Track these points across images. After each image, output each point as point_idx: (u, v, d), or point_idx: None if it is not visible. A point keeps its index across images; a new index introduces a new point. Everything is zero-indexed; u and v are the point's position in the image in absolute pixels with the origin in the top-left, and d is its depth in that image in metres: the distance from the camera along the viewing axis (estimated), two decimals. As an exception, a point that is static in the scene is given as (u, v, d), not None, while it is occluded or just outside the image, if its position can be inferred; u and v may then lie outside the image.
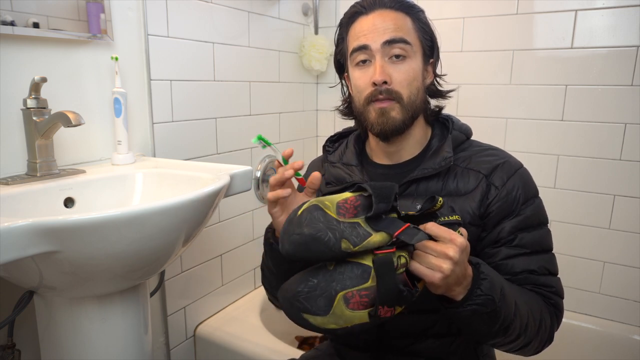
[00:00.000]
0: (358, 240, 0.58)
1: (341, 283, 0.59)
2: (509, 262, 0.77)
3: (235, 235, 1.58)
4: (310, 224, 0.58)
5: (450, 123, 0.86)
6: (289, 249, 0.59)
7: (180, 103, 1.29)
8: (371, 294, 0.59)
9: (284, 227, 0.61)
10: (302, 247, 0.58)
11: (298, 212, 0.60)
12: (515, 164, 0.82)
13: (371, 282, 0.59)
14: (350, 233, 0.58)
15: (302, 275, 0.62)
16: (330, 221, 0.59)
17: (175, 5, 1.24)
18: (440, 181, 0.80)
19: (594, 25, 1.39)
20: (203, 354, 1.46)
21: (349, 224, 0.59)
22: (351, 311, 0.59)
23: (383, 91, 0.78)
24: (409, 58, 0.79)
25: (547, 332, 0.76)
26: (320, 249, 0.58)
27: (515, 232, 0.78)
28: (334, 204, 0.61)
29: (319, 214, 0.59)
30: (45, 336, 0.92)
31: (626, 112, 1.38)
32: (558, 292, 0.80)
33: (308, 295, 0.59)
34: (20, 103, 0.91)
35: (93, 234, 0.68)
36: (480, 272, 0.66)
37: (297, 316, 0.60)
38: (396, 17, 0.79)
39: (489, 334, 0.70)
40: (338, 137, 0.97)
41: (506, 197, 0.78)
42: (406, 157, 0.85)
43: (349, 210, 0.61)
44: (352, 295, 0.58)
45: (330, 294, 0.59)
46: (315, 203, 0.60)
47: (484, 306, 0.65)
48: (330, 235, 0.58)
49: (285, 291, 0.62)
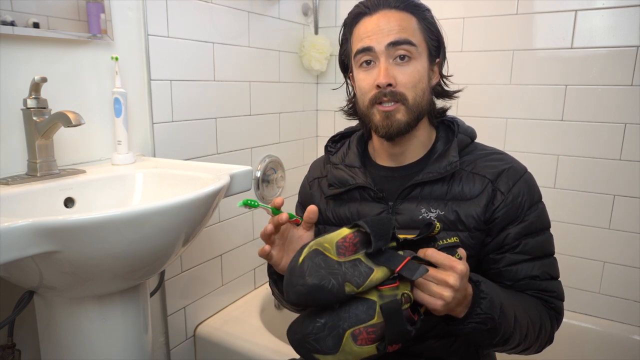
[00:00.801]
0: (361, 281, 0.59)
1: (348, 321, 0.60)
2: (512, 269, 0.78)
3: (235, 235, 1.58)
4: (312, 273, 0.59)
5: (456, 126, 0.85)
6: (294, 299, 0.60)
7: (180, 103, 1.29)
8: (378, 330, 0.60)
9: (286, 277, 0.63)
10: (307, 296, 0.60)
11: (299, 259, 0.61)
12: (521, 169, 0.82)
13: (377, 319, 0.60)
14: (353, 274, 0.60)
15: (309, 315, 0.63)
16: (332, 266, 0.60)
17: (175, 5, 1.24)
18: (445, 185, 0.80)
19: (594, 25, 1.39)
20: (203, 354, 1.46)
21: (350, 263, 0.61)
22: (359, 347, 0.60)
23: (387, 93, 0.77)
24: (414, 59, 0.78)
25: (547, 336, 0.78)
26: (325, 296, 0.59)
27: (519, 238, 0.78)
28: (334, 245, 0.62)
29: (319, 260, 0.60)
30: (45, 336, 0.92)
31: (626, 112, 1.38)
32: (559, 296, 0.81)
33: (317, 336, 0.61)
34: (20, 103, 0.91)
35: (93, 234, 0.68)
36: (481, 292, 0.67)
37: (308, 356, 0.62)
38: (401, 17, 0.78)
39: (489, 345, 0.72)
40: (340, 137, 0.96)
41: (512, 203, 0.78)
42: (410, 159, 0.85)
43: (348, 248, 0.62)
44: (360, 332, 0.60)
45: (338, 332, 0.60)
46: (315, 248, 0.62)
47: (484, 324, 0.67)
48: (334, 282, 0.59)
49: (294, 333, 0.64)
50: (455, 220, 0.78)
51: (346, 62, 0.88)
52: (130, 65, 1.16)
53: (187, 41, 1.29)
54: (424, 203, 0.80)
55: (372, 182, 0.84)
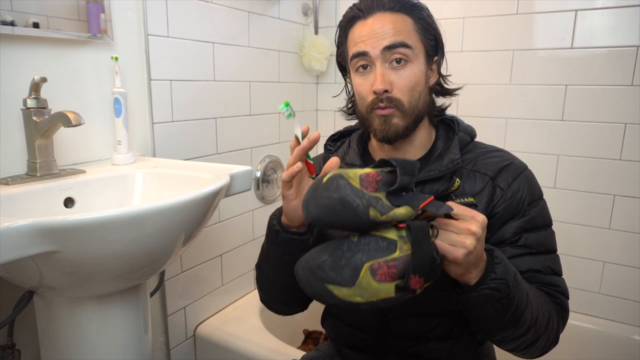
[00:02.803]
0: (384, 210, 0.57)
1: (367, 254, 0.56)
2: (514, 261, 0.76)
3: (235, 235, 1.58)
4: (338, 190, 0.56)
5: (456, 124, 0.85)
6: (316, 212, 0.56)
7: (180, 103, 1.29)
8: (399, 265, 0.57)
9: (308, 193, 0.59)
10: (330, 210, 0.56)
11: (323, 179, 0.58)
12: (521, 166, 0.82)
13: (399, 253, 0.57)
14: (376, 203, 0.57)
15: (325, 246, 0.59)
16: (356, 190, 0.57)
17: (175, 5, 1.24)
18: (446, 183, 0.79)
19: (594, 25, 1.38)
20: (203, 354, 1.46)
21: (372, 196, 0.58)
22: (378, 283, 0.56)
23: (384, 99, 0.77)
24: (411, 62, 0.78)
25: (555, 331, 0.76)
26: (349, 214, 0.55)
27: (520, 232, 0.77)
28: (357, 177, 0.59)
29: (345, 182, 0.57)
30: (45, 336, 0.92)
31: (626, 112, 1.38)
32: (564, 292, 0.79)
33: (334, 264, 0.56)
34: (20, 103, 0.91)
35: (93, 234, 0.68)
36: (494, 257, 0.65)
37: (319, 288, 0.57)
38: (395, 19, 0.77)
39: (500, 324, 0.68)
40: (339, 135, 0.96)
41: (511, 198, 0.77)
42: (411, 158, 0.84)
43: (370, 184, 0.59)
44: (380, 267, 0.56)
45: (356, 264, 0.56)
46: (339, 173, 0.58)
47: (498, 290, 0.64)
48: (359, 202, 0.56)
49: (306, 262, 0.59)
50: None
51: (343, 64, 0.87)
52: (130, 65, 1.16)
53: (187, 41, 1.29)
54: None
55: None
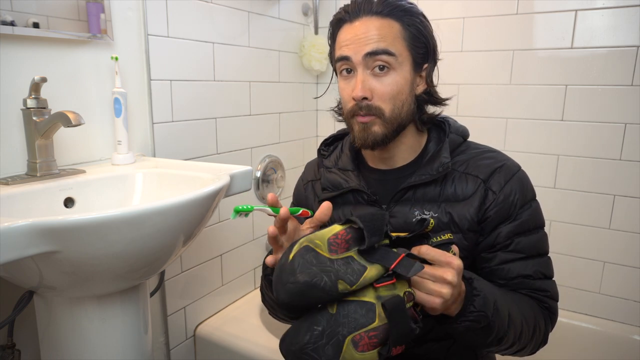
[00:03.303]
0: (354, 279, 0.57)
1: (347, 327, 0.56)
2: (505, 267, 0.77)
3: (235, 235, 1.58)
4: (303, 270, 0.56)
5: (447, 126, 0.84)
6: (285, 298, 0.57)
7: (180, 103, 1.29)
8: (380, 334, 0.57)
9: (276, 275, 0.59)
10: (298, 295, 0.56)
11: (289, 256, 0.58)
12: (513, 167, 0.81)
13: (378, 322, 0.57)
14: (345, 272, 0.57)
15: (304, 323, 0.59)
16: (324, 262, 0.57)
17: (175, 5, 1.24)
18: (438, 187, 0.79)
19: (594, 25, 1.38)
20: (203, 354, 1.46)
21: (342, 260, 0.58)
22: (361, 354, 0.56)
23: (363, 107, 0.75)
24: (393, 70, 0.75)
25: (542, 336, 0.77)
26: (317, 294, 0.56)
27: (512, 236, 0.77)
28: (325, 242, 0.59)
29: (310, 257, 0.57)
30: (45, 336, 0.92)
31: (626, 112, 1.38)
32: (552, 296, 0.80)
33: (315, 346, 0.56)
34: (20, 103, 0.91)
35: (93, 234, 0.68)
36: (474, 289, 0.65)
37: None
38: (381, 25, 0.74)
39: (483, 344, 0.71)
40: (333, 139, 0.95)
41: (503, 202, 0.77)
42: (401, 162, 0.84)
43: (340, 245, 0.59)
44: (361, 338, 0.56)
45: (337, 339, 0.56)
46: (305, 244, 0.58)
47: (477, 322, 0.65)
48: (326, 279, 0.56)
49: (289, 344, 0.59)
50: (448, 222, 0.77)
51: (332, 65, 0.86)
52: (130, 65, 1.16)
53: (187, 41, 1.29)
54: (417, 205, 0.79)
55: (366, 185, 0.83)
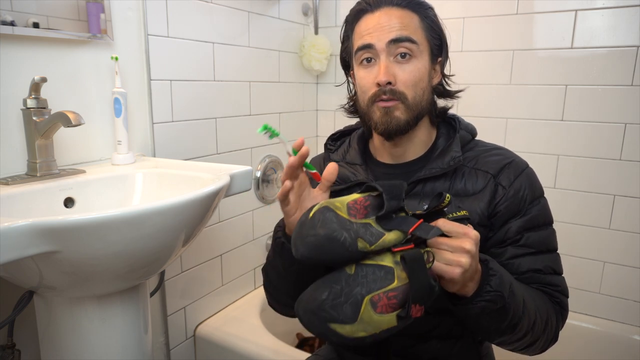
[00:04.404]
0: (373, 239, 0.57)
1: (366, 287, 0.56)
2: (515, 262, 0.77)
3: (235, 235, 1.58)
4: (324, 225, 0.56)
5: (457, 123, 0.85)
6: (304, 251, 0.56)
7: (180, 103, 1.29)
8: (399, 294, 0.56)
9: (295, 231, 0.59)
10: (318, 249, 0.56)
11: (309, 214, 0.58)
12: (522, 164, 0.82)
13: (397, 283, 0.56)
14: (365, 232, 0.57)
15: (323, 282, 0.59)
16: (344, 222, 0.57)
17: (175, 5, 1.24)
18: (447, 181, 0.80)
19: (594, 25, 1.38)
20: (203, 354, 1.46)
21: (361, 224, 0.58)
22: (379, 315, 0.56)
23: (387, 91, 0.77)
24: (415, 57, 0.78)
25: (553, 331, 0.76)
26: (337, 249, 0.55)
27: (521, 231, 0.77)
28: (344, 205, 0.59)
29: (331, 215, 0.57)
30: (45, 336, 0.92)
31: (626, 112, 1.38)
32: (563, 291, 0.80)
33: (334, 302, 0.55)
34: (20, 103, 0.91)
35: (93, 234, 0.68)
36: (489, 269, 0.65)
37: (322, 327, 0.56)
38: (402, 15, 0.78)
39: (497, 330, 0.69)
40: (340, 135, 0.96)
41: (513, 197, 0.77)
42: (411, 156, 0.85)
43: (359, 210, 0.59)
44: (380, 298, 0.56)
45: (356, 299, 0.55)
46: (325, 205, 0.59)
47: (494, 302, 0.64)
48: (346, 235, 0.56)
49: (306, 302, 0.58)
50: None
51: (347, 60, 0.87)
52: (130, 65, 1.16)
53: (187, 41, 1.29)
54: (426, 200, 0.79)
55: (374, 179, 0.84)
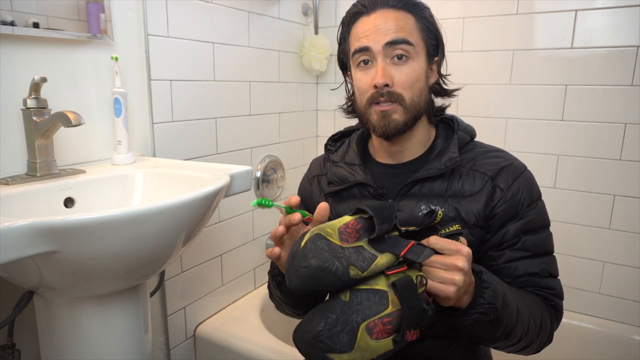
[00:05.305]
0: (365, 265, 0.57)
1: (361, 314, 0.57)
2: (511, 265, 0.78)
3: (235, 235, 1.58)
4: (315, 255, 0.57)
5: (455, 124, 0.85)
6: (297, 283, 0.57)
7: (180, 103, 1.29)
8: (394, 320, 0.57)
9: (288, 261, 0.60)
10: (310, 280, 0.56)
11: (301, 244, 0.59)
12: (520, 167, 0.82)
13: (392, 308, 0.57)
14: (357, 258, 0.57)
15: (318, 311, 0.59)
16: (335, 249, 0.57)
17: (175, 5, 1.24)
18: (445, 182, 0.80)
19: (594, 25, 1.38)
20: (203, 354, 1.46)
21: (353, 249, 0.58)
22: (376, 341, 0.56)
23: (384, 94, 0.77)
24: (412, 59, 0.78)
25: (547, 333, 0.78)
26: (330, 279, 0.56)
27: (519, 235, 0.78)
28: (336, 231, 0.59)
29: (322, 243, 0.58)
30: (45, 336, 0.92)
31: (626, 112, 1.38)
32: (558, 294, 0.81)
33: (330, 333, 0.56)
34: (20, 103, 0.91)
35: (93, 234, 0.68)
36: (483, 281, 0.66)
37: (320, 358, 0.57)
38: (398, 16, 0.78)
39: (491, 339, 0.71)
40: (340, 136, 0.97)
41: (511, 199, 0.78)
42: (410, 157, 0.85)
43: (351, 234, 0.60)
44: (375, 325, 0.56)
45: (352, 327, 0.56)
46: (317, 232, 0.59)
47: (487, 314, 0.65)
48: (338, 264, 0.56)
49: (303, 333, 0.59)
50: (455, 217, 0.78)
51: (345, 61, 0.88)
52: (130, 65, 1.16)
53: (187, 41, 1.29)
54: (423, 200, 0.80)
55: (372, 179, 0.84)
